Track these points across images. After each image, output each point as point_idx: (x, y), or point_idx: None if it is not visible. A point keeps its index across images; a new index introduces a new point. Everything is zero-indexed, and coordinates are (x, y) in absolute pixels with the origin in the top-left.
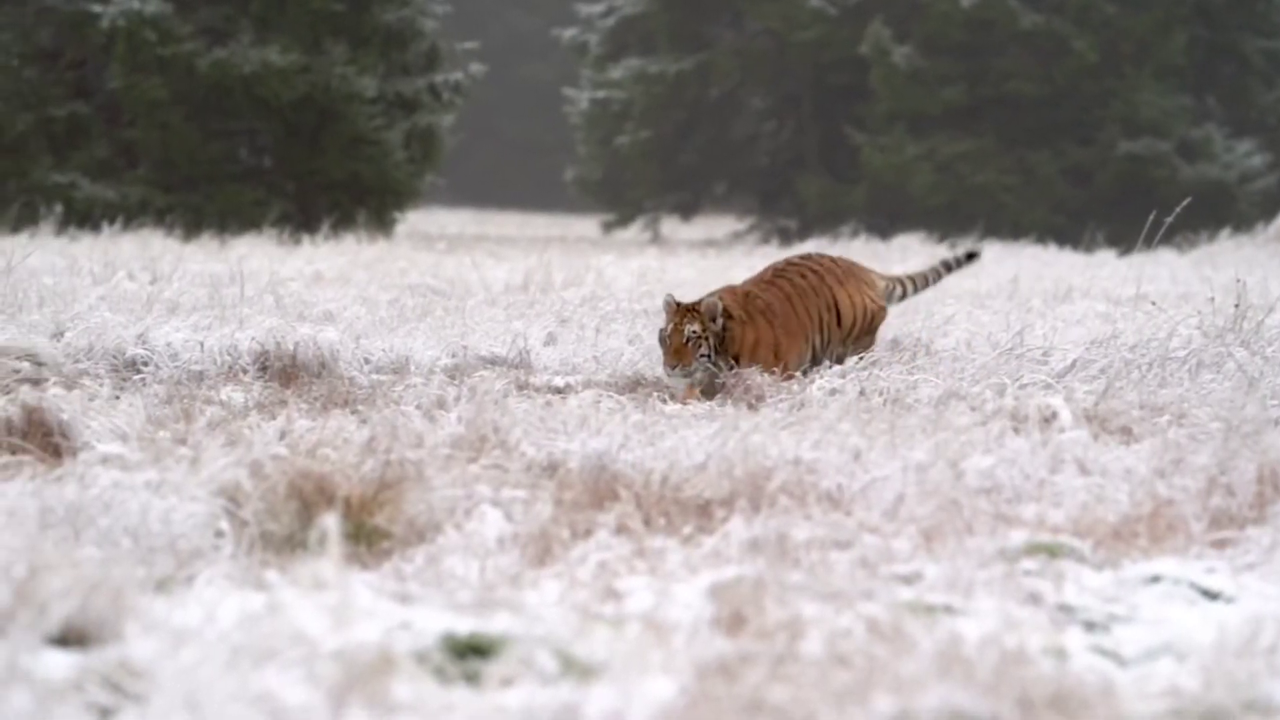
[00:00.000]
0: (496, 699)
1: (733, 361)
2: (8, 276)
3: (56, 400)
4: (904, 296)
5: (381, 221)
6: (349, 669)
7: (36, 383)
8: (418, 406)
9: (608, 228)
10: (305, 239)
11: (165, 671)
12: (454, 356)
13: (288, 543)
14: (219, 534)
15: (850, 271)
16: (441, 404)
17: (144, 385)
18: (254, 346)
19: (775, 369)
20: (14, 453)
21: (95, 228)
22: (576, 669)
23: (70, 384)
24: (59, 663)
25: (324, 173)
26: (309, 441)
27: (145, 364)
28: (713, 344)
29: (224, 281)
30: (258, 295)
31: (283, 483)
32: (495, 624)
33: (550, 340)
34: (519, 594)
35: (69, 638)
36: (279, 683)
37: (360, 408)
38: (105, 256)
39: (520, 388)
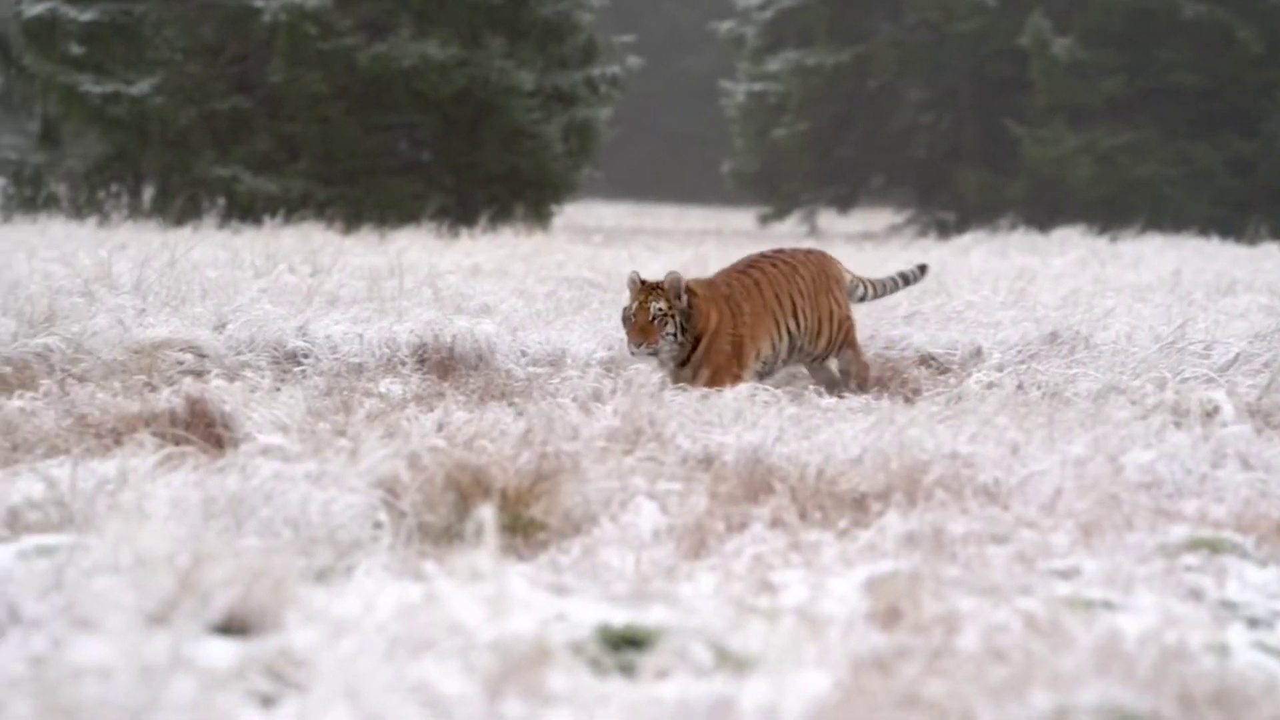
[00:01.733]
0: (651, 691)
1: (695, 341)
2: (171, 269)
3: (219, 392)
4: (864, 298)
5: (539, 214)
6: (505, 659)
7: (199, 374)
8: (574, 399)
9: (764, 221)
10: (463, 232)
11: (325, 661)
12: (610, 349)
13: (445, 534)
14: (377, 525)
15: (823, 270)
16: (597, 396)
17: (304, 377)
18: (412, 339)
19: (732, 365)
20: (178, 443)
21: (257, 221)
22: (731, 662)
23: (232, 376)
24: (221, 651)
25: (482, 166)
26: (466, 433)
27: (305, 356)
28: (679, 322)
29: (383, 274)
30: (416, 288)
31: (440, 474)
32: (650, 616)
33: None
34: (674, 586)
35: (231, 626)
36: (436, 673)
37: (517, 400)
38: (266, 249)
39: None
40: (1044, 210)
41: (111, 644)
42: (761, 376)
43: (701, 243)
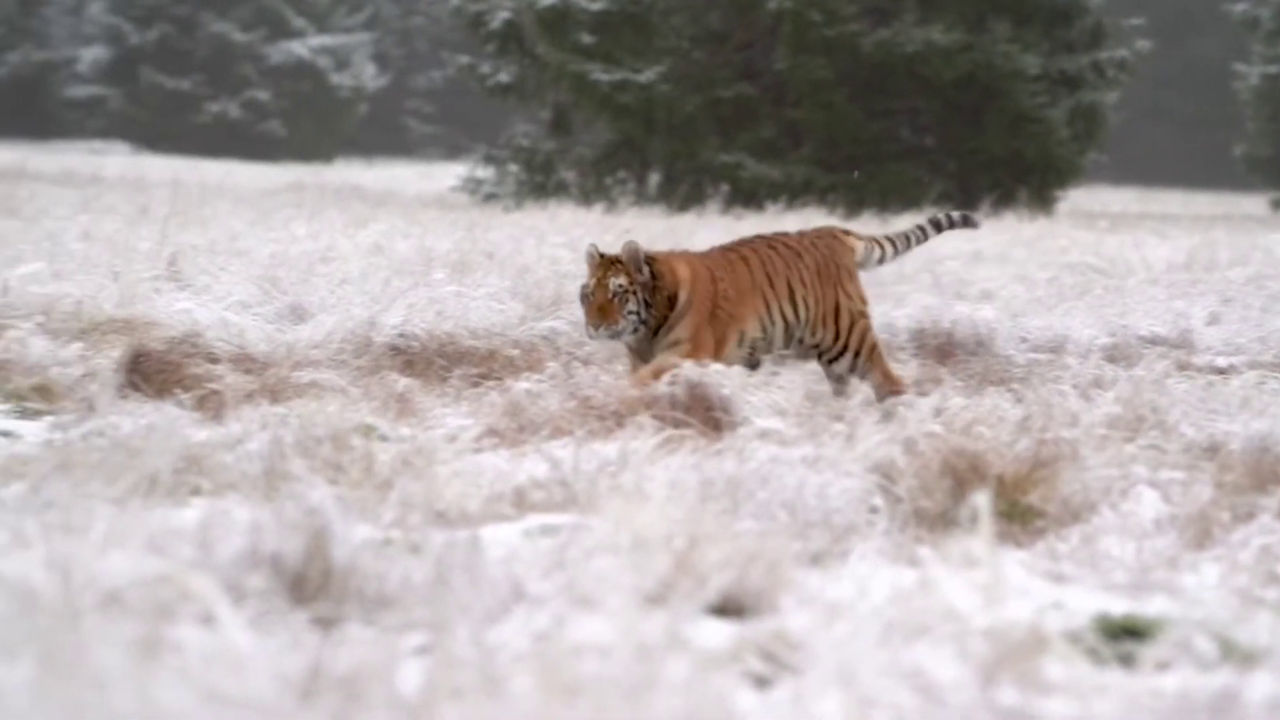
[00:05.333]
0: (1151, 682)
1: (665, 316)
2: None
3: (718, 376)
4: (882, 260)
5: (1043, 200)
6: (999, 647)
7: None
8: (1073, 386)
9: (1276, 205)
10: None
11: (819, 644)
12: (1112, 335)
13: (940, 519)
14: (872, 510)
15: (832, 259)
16: (1098, 383)
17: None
18: (910, 324)
19: (708, 341)
20: (677, 427)
21: (759, 206)
22: (1237, 655)
23: (730, 361)
24: (717, 632)
25: (985, 151)
26: (963, 419)
27: None
28: (642, 298)
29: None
30: (915, 274)
31: (936, 460)
32: (1151, 606)
33: (1213, 320)
34: (1176, 576)
35: (726, 608)
36: (929, 659)
37: (1015, 386)
38: None
39: (1180, 368)
40: None
41: (610, 622)
42: (748, 363)
43: (1210, 228)
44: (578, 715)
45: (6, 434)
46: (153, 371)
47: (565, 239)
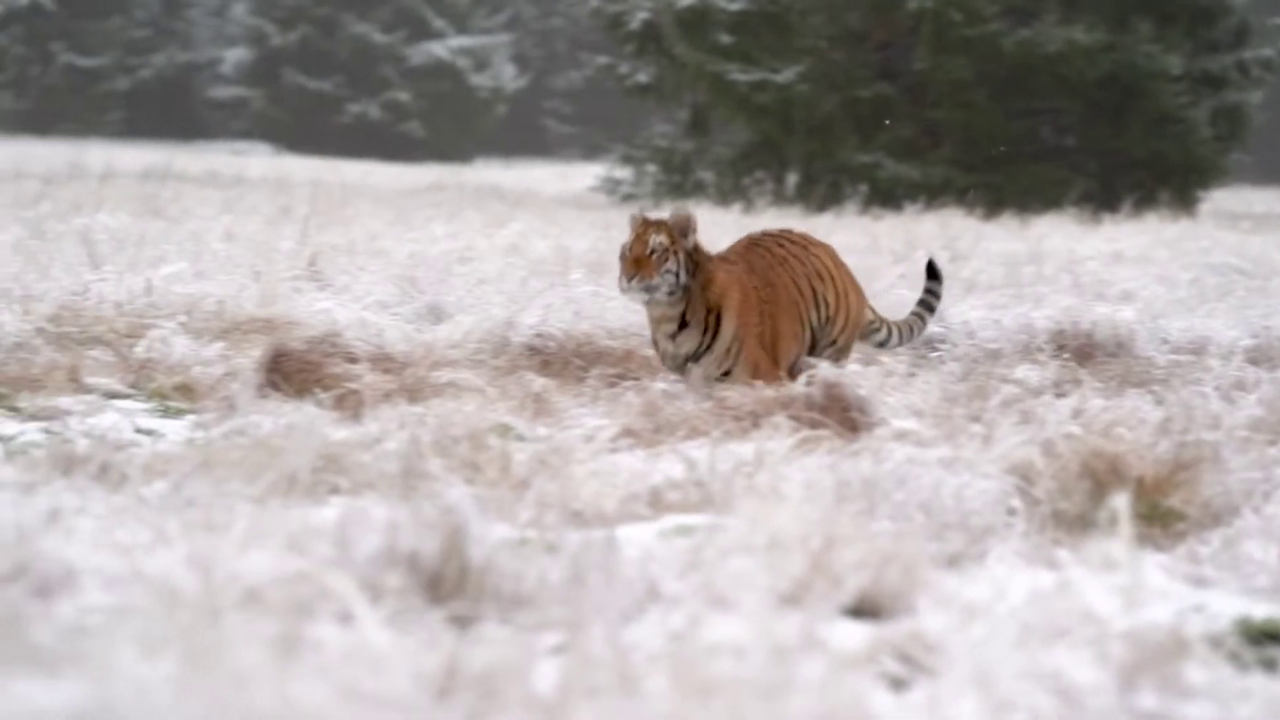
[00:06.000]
0: None
1: (714, 319)
2: None
3: (854, 377)
4: (884, 344)
5: (1185, 200)
6: (1139, 650)
7: None
8: (1215, 388)
9: None
10: (1106, 218)
11: (955, 646)
12: (1255, 337)
13: (1078, 522)
14: (1010, 511)
15: (835, 255)
16: (1240, 385)
17: (940, 363)
18: (1050, 325)
19: (767, 361)
20: (813, 427)
21: (897, 207)
22: None
23: (868, 360)
24: (852, 633)
25: (1127, 151)
26: (1102, 421)
27: (941, 342)
28: (682, 262)
29: (1021, 260)
30: (1055, 274)
31: (1075, 462)
32: None
33: None
34: None
35: (862, 609)
36: (1068, 661)
37: (1156, 388)
38: (906, 235)
39: None
40: None
41: (745, 623)
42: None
43: None
44: (712, 715)
45: (150, 432)
46: (292, 371)
47: (702, 239)
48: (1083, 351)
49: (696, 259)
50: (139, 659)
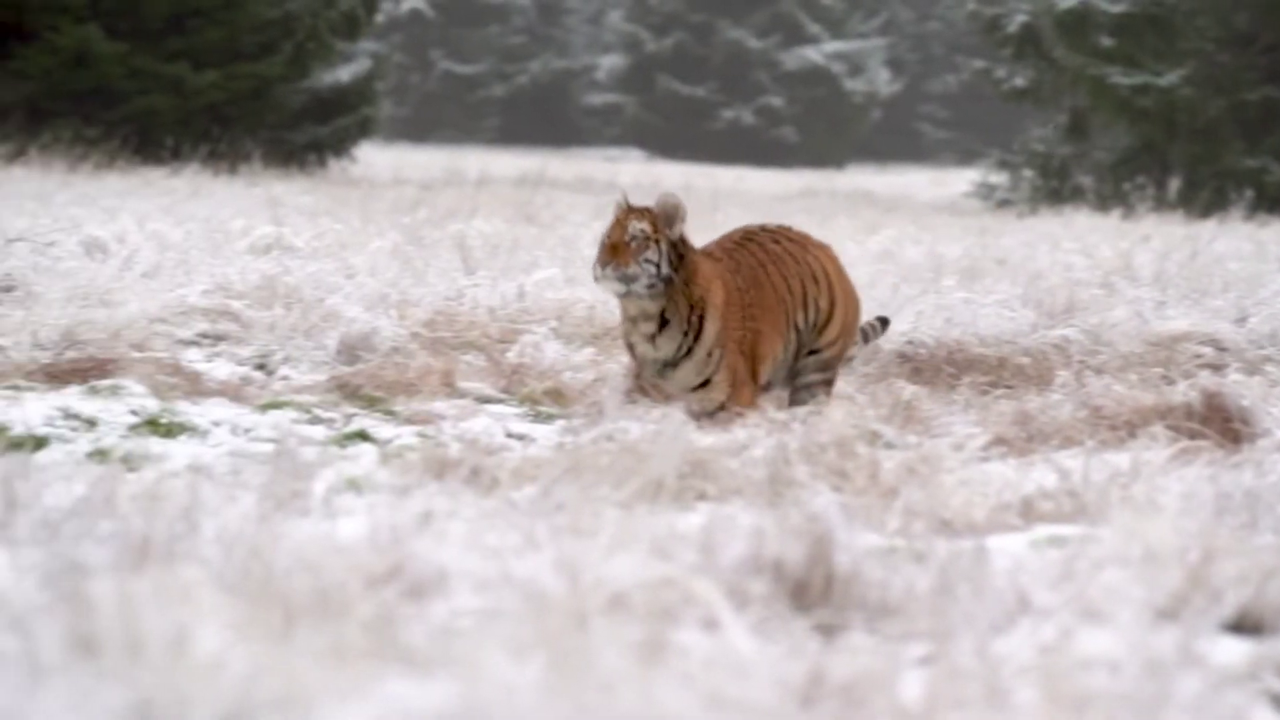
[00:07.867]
0: None
1: (696, 319)
2: (1192, 261)
3: (1236, 386)
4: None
5: None
6: None
7: (1217, 368)
8: None
9: None
10: None
11: None
12: None
13: None
14: None
15: (833, 255)
16: None
17: None
18: None
19: (747, 374)
20: (1192, 437)
21: None
22: None
23: (1251, 370)
24: (1232, 649)
25: None
26: None
27: None
28: (664, 253)
29: None
30: None
31: None
32: None
33: None
34: None
35: (1243, 625)
36: None
37: None
38: None
39: None
40: None
41: (1119, 636)
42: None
43: None
44: None
45: (521, 437)
46: None
47: (1080, 245)
48: None
49: (681, 251)
50: (507, 661)
